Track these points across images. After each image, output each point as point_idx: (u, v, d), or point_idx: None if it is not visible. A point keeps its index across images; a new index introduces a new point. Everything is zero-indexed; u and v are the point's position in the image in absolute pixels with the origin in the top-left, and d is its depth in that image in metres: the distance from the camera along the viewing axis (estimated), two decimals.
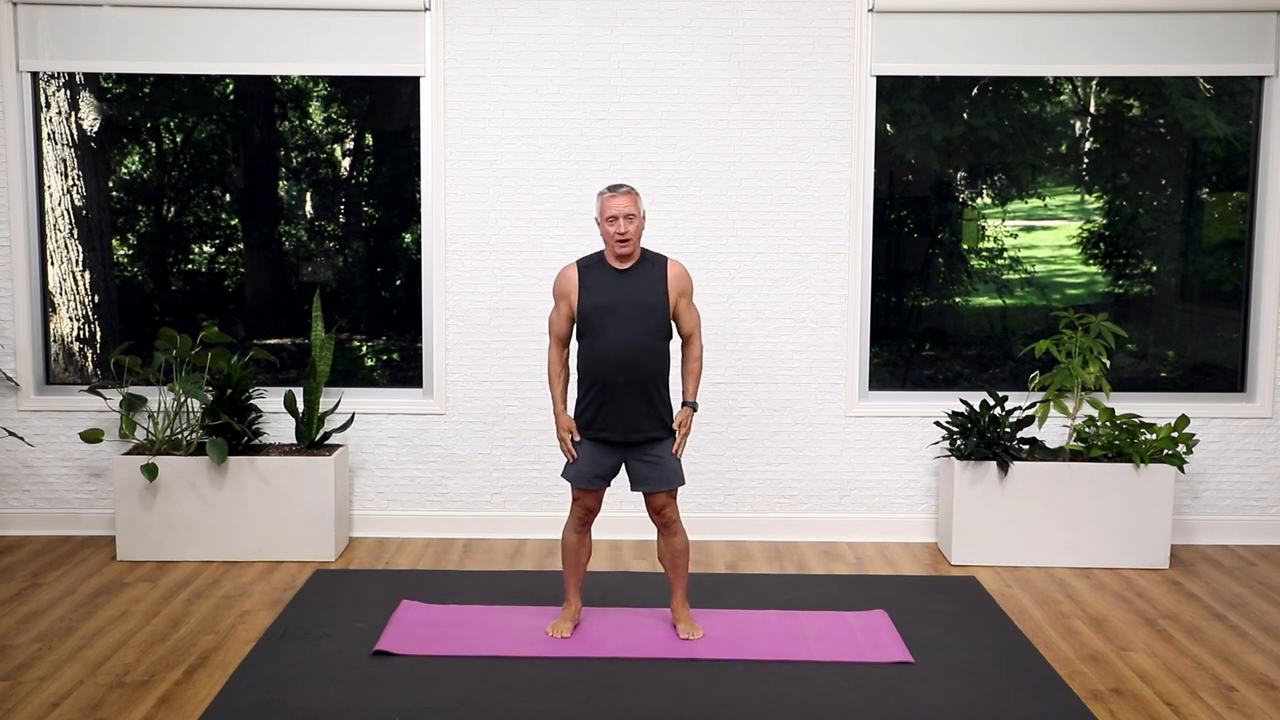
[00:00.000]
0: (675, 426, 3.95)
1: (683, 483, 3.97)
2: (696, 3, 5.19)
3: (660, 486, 3.92)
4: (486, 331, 5.33)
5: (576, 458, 3.96)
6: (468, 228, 5.29)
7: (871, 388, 5.44)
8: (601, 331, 3.84)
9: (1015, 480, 4.96)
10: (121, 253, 5.87)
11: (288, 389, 5.26)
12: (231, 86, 5.75)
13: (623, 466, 3.98)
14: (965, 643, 4.03)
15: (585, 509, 4.00)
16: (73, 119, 5.54)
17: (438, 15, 5.17)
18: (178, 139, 5.97)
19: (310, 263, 5.84)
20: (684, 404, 3.99)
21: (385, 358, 5.79)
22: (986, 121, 5.66)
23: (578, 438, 3.94)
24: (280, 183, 5.88)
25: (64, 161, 5.52)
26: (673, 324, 3.96)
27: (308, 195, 5.96)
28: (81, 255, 5.59)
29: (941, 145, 5.63)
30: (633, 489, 4.00)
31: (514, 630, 4.08)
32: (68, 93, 5.54)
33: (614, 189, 3.85)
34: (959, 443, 5.05)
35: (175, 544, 4.96)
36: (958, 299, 5.84)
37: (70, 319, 5.60)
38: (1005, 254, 5.82)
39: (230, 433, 5.03)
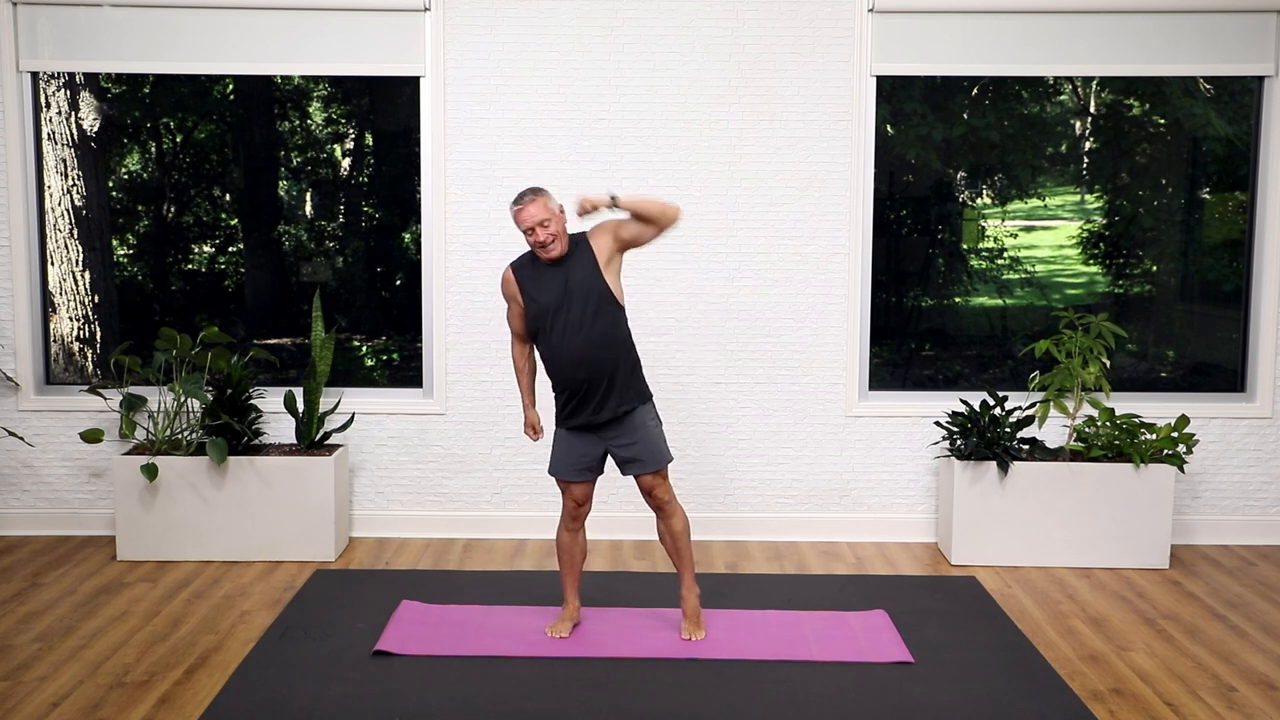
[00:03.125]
0: (581, 201, 3.81)
1: (668, 460, 3.94)
2: (696, 3, 5.20)
3: (646, 468, 3.91)
4: (486, 331, 5.32)
5: (554, 450, 4.02)
6: (468, 228, 5.29)
7: (871, 388, 5.44)
8: (550, 334, 3.85)
9: (1015, 480, 4.96)
10: (121, 253, 5.87)
11: (288, 389, 5.26)
12: (231, 86, 5.75)
13: (608, 457, 3.98)
14: (965, 643, 4.04)
15: (574, 502, 3.99)
16: (73, 119, 5.54)
17: (438, 15, 5.17)
18: (178, 139, 5.97)
19: (310, 263, 5.84)
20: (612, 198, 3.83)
21: (385, 358, 5.79)
22: (987, 122, 5.66)
23: (536, 436, 4.08)
24: (280, 183, 5.88)
25: (64, 161, 5.52)
26: (619, 288, 3.88)
27: (308, 195, 5.96)
28: (81, 255, 5.59)
29: (942, 145, 5.63)
30: (623, 474, 4.00)
31: (514, 630, 4.08)
32: (68, 93, 5.54)
33: (519, 200, 3.80)
34: (959, 443, 5.05)
35: (175, 544, 4.96)
36: (958, 299, 5.85)
37: (70, 319, 5.60)
38: (1005, 254, 5.82)
39: (230, 433, 5.03)
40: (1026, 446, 5.10)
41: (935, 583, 4.74)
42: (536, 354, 4.02)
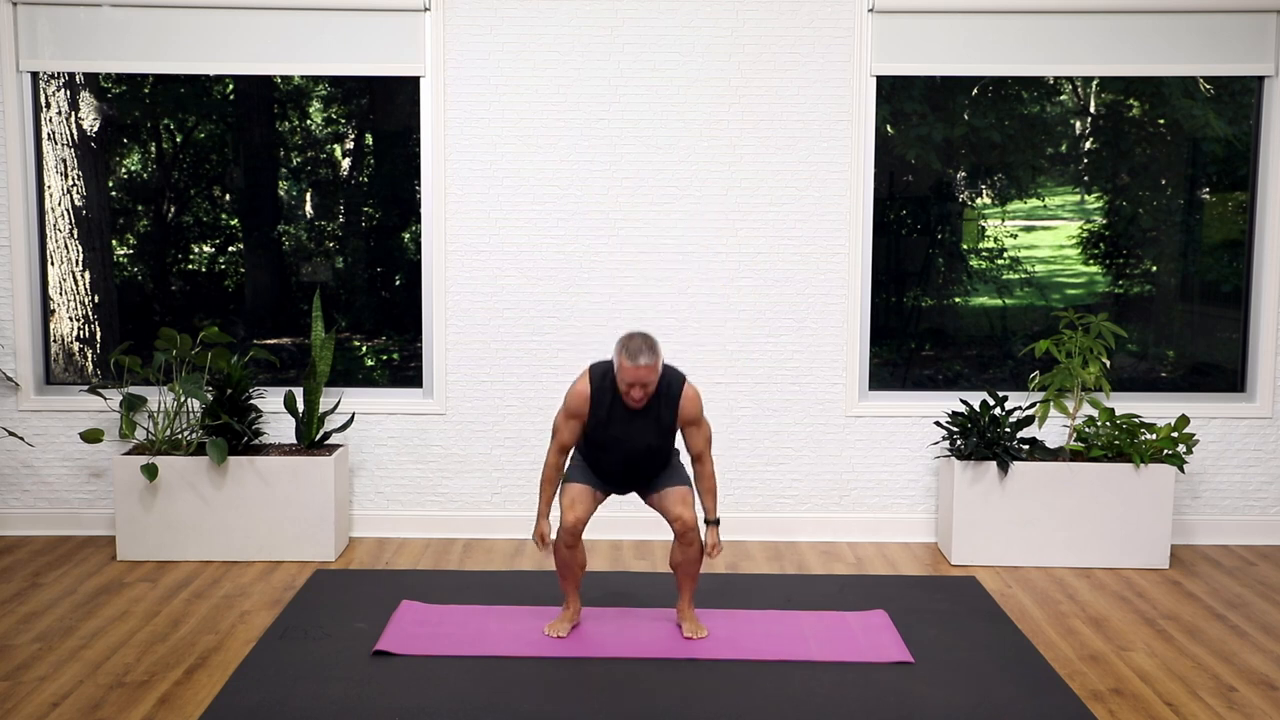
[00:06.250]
0: (707, 551, 3.96)
1: (689, 479, 3.99)
2: (696, 3, 5.20)
3: (670, 484, 3.93)
4: (486, 331, 5.33)
5: (570, 464, 4.04)
6: (468, 228, 5.29)
7: (871, 388, 5.44)
8: (603, 448, 3.90)
9: (1015, 480, 4.96)
10: (121, 253, 5.87)
11: (288, 389, 5.26)
12: (231, 86, 5.75)
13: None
14: (965, 643, 4.03)
15: (576, 519, 3.89)
16: (73, 119, 5.54)
17: (438, 15, 5.17)
18: (178, 139, 5.97)
19: (310, 263, 5.84)
20: (707, 522, 3.97)
21: (385, 358, 5.79)
22: (987, 122, 5.66)
23: (546, 545, 3.97)
24: (280, 183, 5.88)
25: (64, 161, 5.52)
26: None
27: (308, 195, 5.96)
28: (81, 255, 5.59)
29: (942, 145, 5.63)
30: (646, 502, 4.04)
31: (514, 630, 4.08)
32: (68, 93, 5.54)
33: (635, 354, 3.64)
34: (959, 443, 5.05)
35: (175, 544, 4.96)
36: (958, 299, 5.85)
37: (70, 319, 5.60)
38: (1005, 254, 5.82)
39: (230, 433, 5.03)
40: (1026, 446, 5.10)
41: (935, 583, 4.74)
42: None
